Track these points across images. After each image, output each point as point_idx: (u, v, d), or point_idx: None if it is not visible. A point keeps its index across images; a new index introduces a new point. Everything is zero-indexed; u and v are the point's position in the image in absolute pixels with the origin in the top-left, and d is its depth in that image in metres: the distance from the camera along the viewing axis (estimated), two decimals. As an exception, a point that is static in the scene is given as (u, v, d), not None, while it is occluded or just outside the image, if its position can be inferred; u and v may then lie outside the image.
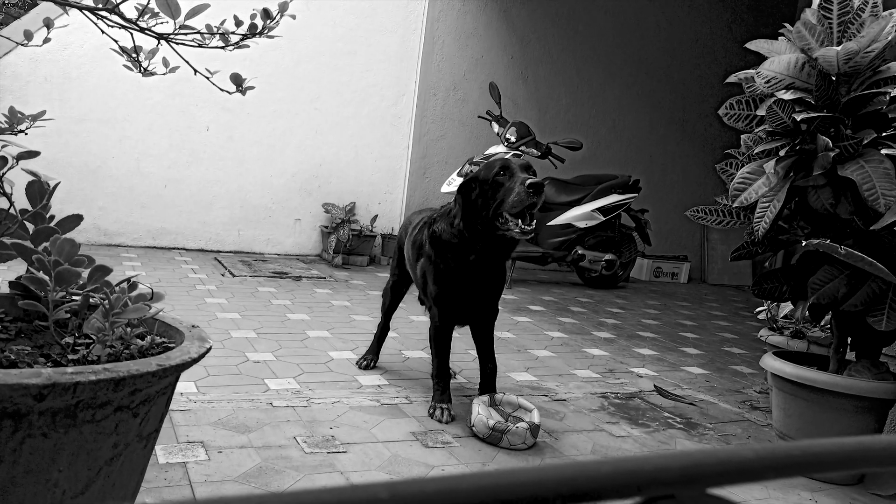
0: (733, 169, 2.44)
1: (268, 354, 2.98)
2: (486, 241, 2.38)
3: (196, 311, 3.59)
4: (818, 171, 2.10)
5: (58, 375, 1.00)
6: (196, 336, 1.34)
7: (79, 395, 1.03)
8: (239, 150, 5.61)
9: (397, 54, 6.05)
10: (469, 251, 2.40)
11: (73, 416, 1.05)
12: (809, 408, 2.23)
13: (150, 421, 1.20)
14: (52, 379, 0.99)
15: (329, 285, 4.76)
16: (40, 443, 1.03)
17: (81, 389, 1.02)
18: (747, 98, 2.38)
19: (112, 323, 1.24)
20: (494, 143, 5.76)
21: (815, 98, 2.14)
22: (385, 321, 3.02)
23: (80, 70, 5.06)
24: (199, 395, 2.41)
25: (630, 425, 2.60)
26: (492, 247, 2.40)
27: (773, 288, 2.39)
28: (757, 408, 3.04)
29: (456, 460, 2.12)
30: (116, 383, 1.06)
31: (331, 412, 2.39)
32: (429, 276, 2.50)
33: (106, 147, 5.22)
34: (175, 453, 1.93)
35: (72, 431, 1.06)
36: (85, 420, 1.07)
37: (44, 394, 0.99)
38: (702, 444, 2.53)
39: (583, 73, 6.93)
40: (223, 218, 5.65)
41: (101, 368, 1.06)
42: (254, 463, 1.93)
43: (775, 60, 2.22)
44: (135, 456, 1.20)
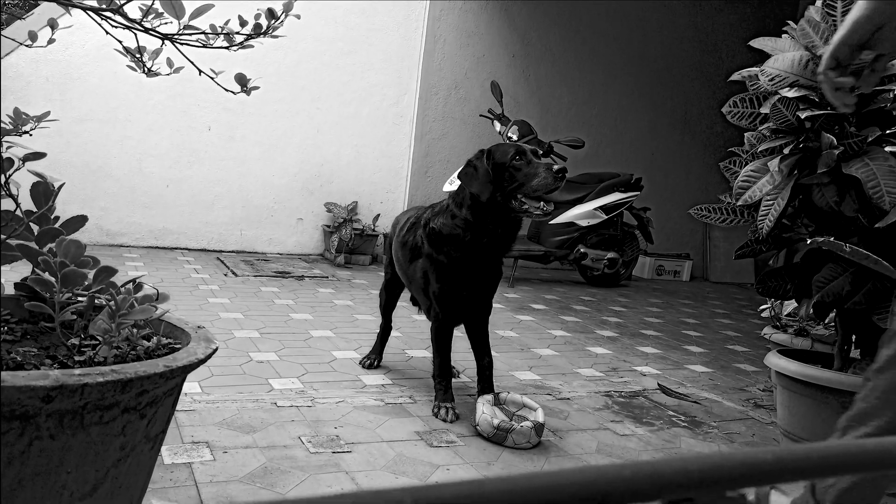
0: (737, 167, 2.44)
1: (271, 354, 2.98)
2: (498, 223, 2.40)
3: (199, 311, 3.59)
4: (822, 169, 2.09)
5: (65, 377, 1.00)
6: (202, 337, 1.34)
7: (86, 396, 1.03)
8: (240, 150, 5.61)
9: (398, 53, 6.04)
10: (480, 235, 2.41)
11: (81, 418, 1.05)
12: (814, 405, 2.23)
13: (156, 422, 1.20)
14: (59, 381, 0.99)
15: (332, 284, 4.76)
16: (48, 444, 1.03)
17: (89, 391, 1.02)
18: (751, 96, 2.37)
19: (118, 324, 1.24)
20: (496, 141, 5.76)
21: (820, 96, 2.13)
22: (385, 320, 3.02)
23: (82, 70, 5.06)
24: (203, 395, 2.41)
25: (634, 424, 2.59)
26: (503, 228, 2.42)
27: (778, 286, 2.39)
28: (761, 406, 3.04)
29: (461, 459, 2.12)
30: (124, 385, 1.06)
31: (335, 412, 2.39)
32: (430, 274, 2.50)
33: (107, 147, 5.22)
34: (180, 454, 1.93)
35: (79, 433, 1.06)
36: (92, 422, 1.07)
37: (52, 396, 0.99)
38: (706, 442, 2.52)
39: (585, 72, 6.92)
40: (225, 218, 5.65)
41: (108, 370, 1.06)
42: (259, 463, 1.93)
43: (779, 58, 2.21)
44: (142, 457, 1.20)
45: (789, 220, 2.35)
